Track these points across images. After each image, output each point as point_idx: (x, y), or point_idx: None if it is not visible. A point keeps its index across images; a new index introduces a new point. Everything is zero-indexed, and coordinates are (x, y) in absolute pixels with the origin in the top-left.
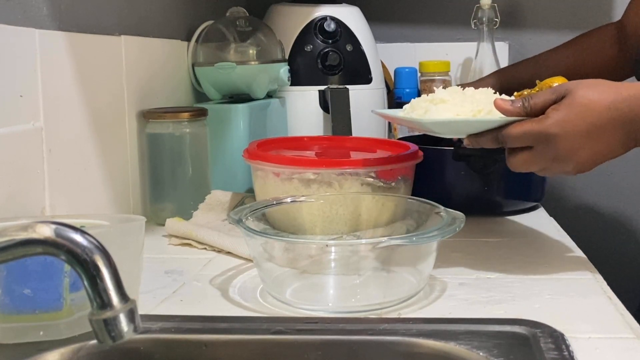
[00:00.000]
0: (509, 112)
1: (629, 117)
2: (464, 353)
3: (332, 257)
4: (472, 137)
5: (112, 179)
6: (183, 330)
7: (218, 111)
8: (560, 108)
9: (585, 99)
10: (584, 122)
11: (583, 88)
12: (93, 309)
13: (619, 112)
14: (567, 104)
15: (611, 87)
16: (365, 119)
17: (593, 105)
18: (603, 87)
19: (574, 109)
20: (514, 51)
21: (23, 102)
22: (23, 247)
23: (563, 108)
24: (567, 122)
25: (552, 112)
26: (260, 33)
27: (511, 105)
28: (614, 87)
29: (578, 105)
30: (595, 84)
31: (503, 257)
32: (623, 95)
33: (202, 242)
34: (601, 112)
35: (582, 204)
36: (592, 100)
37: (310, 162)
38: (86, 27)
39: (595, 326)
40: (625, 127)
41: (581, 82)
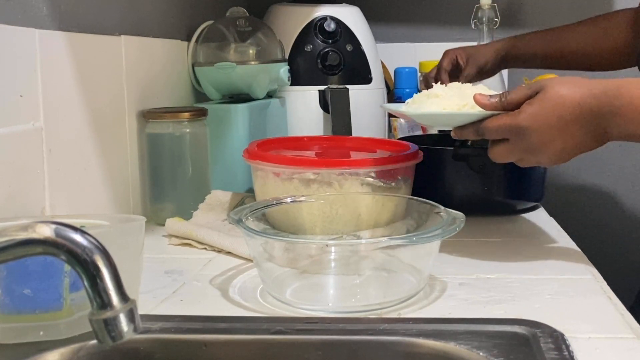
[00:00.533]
0: (486, 107)
1: (598, 113)
2: (464, 353)
3: (332, 257)
4: (456, 129)
5: (112, 179)
6: (183, 330)
7: (218, 111)
8: (534, 103)
9: (557, 95)
10: (554, 117)
11: (556, 84)
12: (93, 309)
13: (588, 107)
14: (539, 99)
15: (583, 84)
16: (365, 119)
17: (564, 101)
18: (575, 84)
19: (545, 104)
20: None
21: (23, 102)
22: (23, 247)
23: (536, 103)
24: (539, 116)
25: (526, 106)
26: (260, 33)
27: (489, 100)
28: (585, 83)
29: (550, 100)
30: (568, 80)
31: (503, 257)
32: (593, 92)
33: (202, 242)
34: (571, 108)
35: (582, 204)
36: (563, 96)
37: (310, 162)
38: (86, 27)
39: (595, 326)
40: (594, 121)
41: (555, 79)
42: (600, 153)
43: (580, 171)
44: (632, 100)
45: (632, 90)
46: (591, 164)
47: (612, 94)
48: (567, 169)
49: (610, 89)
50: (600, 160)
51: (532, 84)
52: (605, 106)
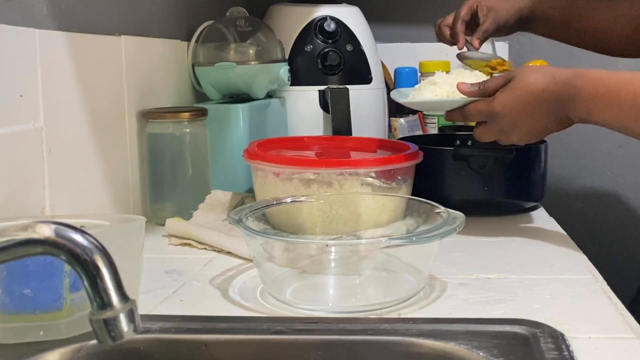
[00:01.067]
0: (467, 94)
1: (558, 99)
2: (464, 353)
3: (332, 257)
4: (447, 113)
5: (112, 179)
6: (183, 330)
7: (218, 111)
8: (505, 90)
9: (524, 82)
10: (520, 102)
11: (525, 73)
12: (93, 309)
13: (550, 93)
14: (509, 86)
15: (548, 72)
16: (365, 119)
17: (529, 88)
18: (542, 72)
19: (514, 91)
20: (514, 51)
21: (23, 102)
22: (23, 247)
23: (506, 90)
24: (508, 102)
25: (499, 93)
26: (260, 33)
27: (469, 88)
28: (551, 71)
29: (518, 88)
30: (537, 69)
31: (503, 257)
32: (556, 80)
33: (202, 242)
34: (535, 94)
35: (582, 204)
36: (529, 84)
37: (310, 162)
38: (86, 27)
39: (595, 326)
40: (555, 106)
41: (526, 68)
42: (601, 153)
43: (580, 171)
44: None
45: (583, 79)
46: (591, 164)
47: (571, 82)
48: (568, 169)
49: (568, 77)
50: (601, 160)
51: (507, 73)
52: (563, 93)
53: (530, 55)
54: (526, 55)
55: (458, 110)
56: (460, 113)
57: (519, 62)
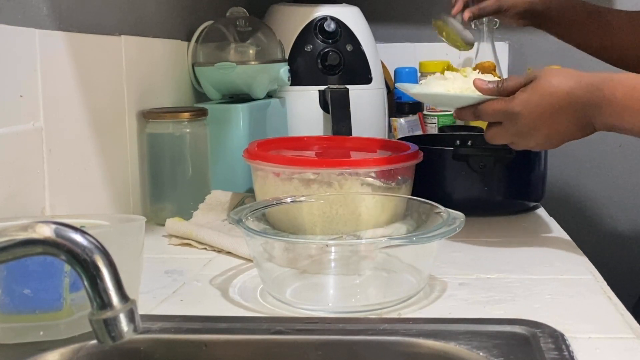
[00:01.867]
0: (484, 91)
1: (584, 103)
2: (464, 353)
3: (332, 257)
4: (457, 110)
5: (112, 179)
6: (183, 330)
7: (218, 111)
8: (527, 90)
9: (548, 84)
10: (544, 104)
11: (549, 74)
12: (93, 309)
13: (576, 98)
14: (532, 87)
15: (573, 75)
16: (365, 119)
17: (554, 90)
18: (566, 75)
19: (537, 92)
20: (514, 51)
21: (23, 102)
22: (23, 247)
23: (528, 90)
24: (530, 103)
25: (519, 93)
26: (260, 33)
27: (487, 85)
28: (576, 75)
29: (541, 89)
30: (561, 72)
31: (503, 257)
32: (582, 84)
33: (202, 242)
34: (560, 97)
35: (582, 204)
36: (553, 85)
37: (310, 162)
38: (86, 27)
39: (595, 326)
40: (580, 111)
41: (549, 69)
42: (601, 153)
43: (580, 171)
44: (614, 93)
45: (616, 85)
46: (591, 164)
47: (598, 86)
48: (568, 169)
49: (597, 82)
50: (601, 160)
51: (528, 74)
52: (591, 98)
53: (531, 56)
54: (527, 56)
55: (470, 108)
56: (473, 111)
57: (519, 62)
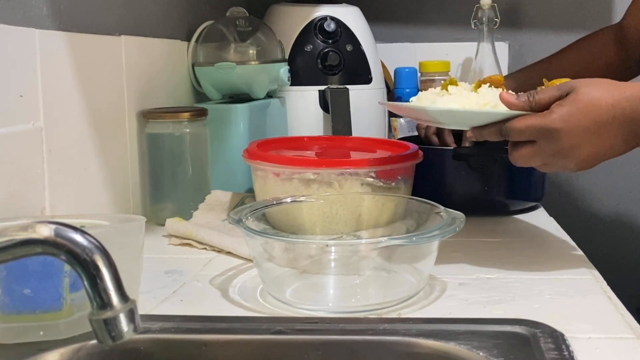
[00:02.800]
0: (514, 106)
1: (631, 116)
2: (464, 353)
3: (332, 257)
4: (475, 129)
5: (112, 179)
6: (183, 330)
7: (218, 111)
8: (565, 104)
9: (589, 96)
10: (587, 119)
11: (587, 86)
12: (93, 309)
13: (621, 110)
14: (571, 100)
15: (615, 86)
16: (365, 119)
17: (596, 102)
18: (607, 86)
19: (577, 105)
20: (513, 51)
21: (23, 102)
22: (23, 247)
23: (567, 104)
24: (571, 118)
25: (557, 107)
26: (260, 33)
27: (516, 99)
28: (617, 86)
29: (582, 102)
30: (599, 82)
31: (503, 257)
32: (626, 95)
33: (202, 242)
34: (604, 110)
35: (582, 204)
36: (595, 98)
37: (310, 162)
38: (86, 27)
39: (595, 326)
40: (627, 125)
41: (586, 80)
42: None
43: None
44: None
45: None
46: None
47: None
48: None
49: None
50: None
51: (561, 85)
52: (637, 110)
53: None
54: (526, 56)
55: (494, 126)
56: (498, 129)
57: (519, 62)
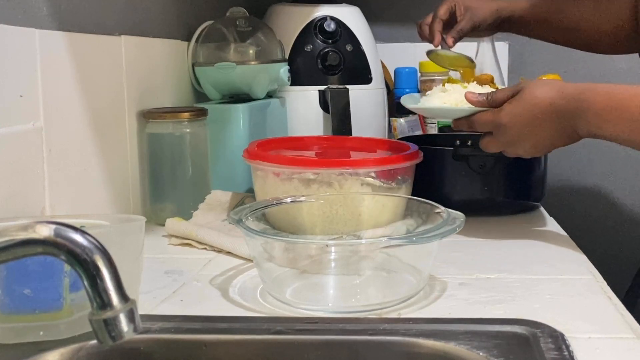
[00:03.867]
0: (475, 103)
1: (566, 113)
2: (464, 353)
3: (332, 257)
4: (453, 121)
5: (112, 179)
6: (183, 330)
7: (218, 111)
8: (513, 102)
9: (532, 95)
10: (528, 115)
11: (533, 86)
12: (93, 309)
13: (557, 107)
14: (517, 98)
15: (556, 86)
16: (365, 119)
17: (537, 101)
18: (550, 86)
19: (522, 103)
20: (514, 51)
21: (23, 102)
22: (23, 247)
23: (514, 102)
24: (515, 114)
25: (506, 105)
26: (260, 33)
27: (477, 98)
28: (559, 86)
29: (525, 100)
30: (545, 83)
31: (503, 257)
32: (565, 94)
33: (202, 242)
34: (543, 107)
35: (582, 204)
36: (537, 97)
37: (310, 162)
38: (86, 27)
39: (595, 326)
40: (562, 121)
41: (534, 81)
42: (601, 154)
43: (580, 172)
44: (593, 102)
45: (594, 94)
46: (591, 164)
47: (579, 96)
48: (568, 169)
49: (578, 92)
50: (601, 160)
51: (516, 85)
52: (571, 108)
53: (530, 56)
54: (527, 56)
55: (465, 120)
56: (467, 122)
57: (519, 62)
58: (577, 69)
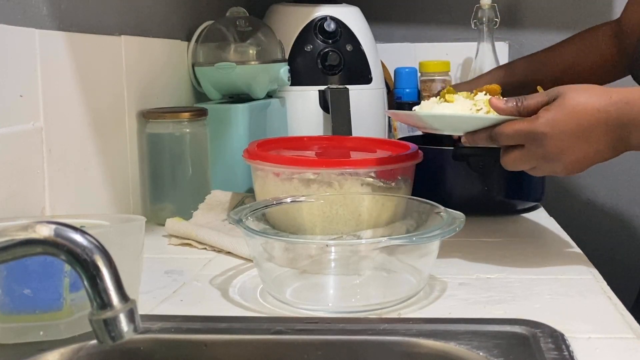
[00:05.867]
0: (502, 111)
1: (617, 121)
2: (464, 353)
3: (332, 257)
4: (468, 134)
5: (112, 179)
6: (183, 330)
7: (218, 111)
8: (551, 109)
9: (576, 101)
10: (573, 124)
11: (575, 91)
12: (93, 309)
13: (608, 115)
14: (557, 104)
15: (602, 91)
16: (365, 119)
17: (583, 108)
18: (594, 91)
19: (564, 110)
20: (513, 51)
21: (23, 102)
22: (23, 247)
23: (554, 109)
24: (557, 122)
25: (543, 112)
26: (260, 33)
27: (505, 104)
28: (604, 91)
29: (568, 107)
30: (586, 88)
31: (503, 257)
32: (613, 100)
33: (202, 242)
34: (591, 115)
35: (582, 204)
36: (581, 103)
37: (310, 162)
38: (86, 27)
39: (595, 326)
40: (613, 130)
41: (573, 86)
42: None
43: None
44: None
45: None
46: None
47: (631, 102)
48: None
49: (631, 98)
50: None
51: (549, 91)
52: (625, 115)
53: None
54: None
55: (484, 132)
56: (488, 134)
57: None
58: None
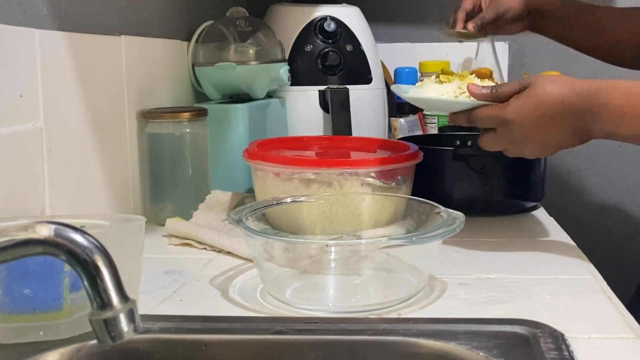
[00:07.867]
0: (478, 97)
1: (579, 111)
2: (464, 353)
3: (332, 257)
4: (451, 115)
5: (112, 179)
6: (183, 330)
7: (218, 111)
8: (521, 97)
9: (542, 91)
10: (537, 112)
11: (543, 81)
12: (93, 309)
13: (570, 105)
14: (526, 94)
15: (567, 82)
16: (365, 119)
17: (547, 97)
18: (560, 82)
19: (531, 99)
20: (514, 51)
21: (23, 102)
22: (23, 247)
23: (522, 97)
24: (524, 110)
25: (514, 100)
26: (260, 33)
27: (479, 91)
28: (570, 82)
29: (535, 96)
30: (555, 78)
31: (503, 257)
32: (577, 91)
33: (202, 242)
34: (555, 104)
35: (582, 204)
36: (547, 93)
37: (310, 162)
38: (86, 27)
39: (595, 326)
40: (575, 119)
41: (543, 76)
42: (601, 153)
43: (580, 171)
44: (611, 100)
45: (612, 91)
46: (591, 164)
47: (594, 93)
48: (568, 169)
49: (593, 89)
50: (601, 160)
51: (523, 80)
52: (586, 105)
53: (530, 56)
54: (526, 56)
55: (464, 113)
56: (467, 117)
57: (519, 62)
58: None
